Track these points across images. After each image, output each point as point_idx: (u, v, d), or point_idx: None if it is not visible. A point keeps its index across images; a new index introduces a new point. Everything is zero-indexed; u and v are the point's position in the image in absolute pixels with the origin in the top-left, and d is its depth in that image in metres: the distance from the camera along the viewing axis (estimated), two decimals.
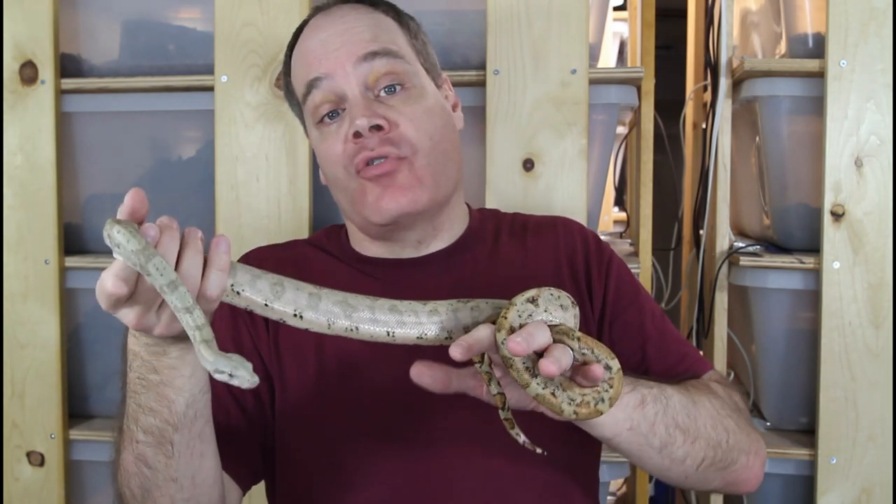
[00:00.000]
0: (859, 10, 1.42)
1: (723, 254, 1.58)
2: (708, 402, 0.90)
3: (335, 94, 0.97)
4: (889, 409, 1.44)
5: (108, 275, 0.68)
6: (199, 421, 0.82)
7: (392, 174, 0.95)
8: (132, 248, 0.67)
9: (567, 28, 1.42)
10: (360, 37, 0.97)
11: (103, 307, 0.71)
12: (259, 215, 1.49)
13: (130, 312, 0.71)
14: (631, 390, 0.82)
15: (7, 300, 1.57)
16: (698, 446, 0.86)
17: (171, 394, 0.79)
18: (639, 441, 0.83)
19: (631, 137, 1.87)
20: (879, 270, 1.43)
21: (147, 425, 0.80)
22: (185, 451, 0.82)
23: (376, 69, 0.96)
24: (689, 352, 1.03)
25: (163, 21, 1.61)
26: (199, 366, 0.78)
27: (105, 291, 0.69)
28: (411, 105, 0.97)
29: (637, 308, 1.03)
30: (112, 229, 0.68)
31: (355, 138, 0.95)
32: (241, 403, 0.98)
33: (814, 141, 1.48)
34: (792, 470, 1.52)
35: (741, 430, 0.92)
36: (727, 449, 0.89)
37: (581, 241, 1.06)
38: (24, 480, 1.58)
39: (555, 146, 1.43)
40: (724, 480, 0.92)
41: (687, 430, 0.85)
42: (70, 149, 1.60)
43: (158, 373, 0.78)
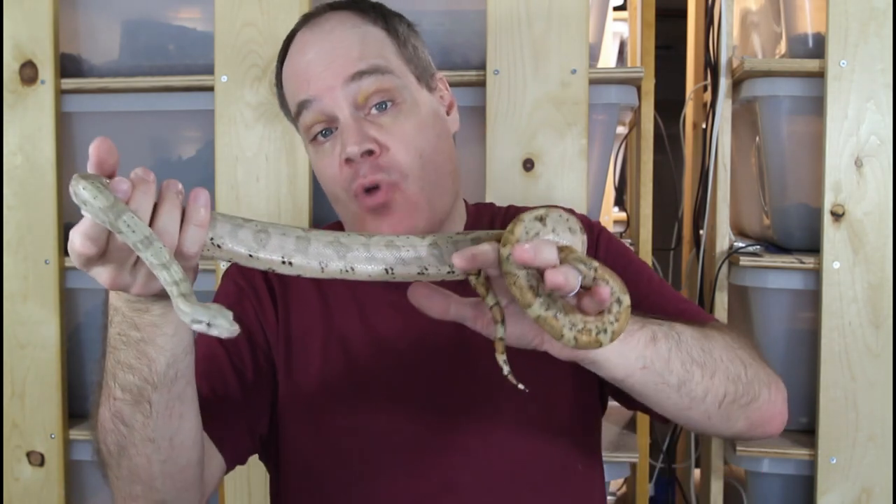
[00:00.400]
0: (859, 10, 1.42)
1: (723, 254, 1.58)
2: (719, 336, 0.86)
3: (325, 115, 0.96)
4: (889, 409, 1.44)
5: (76, 233, 0.65)
6: (180, 382, 0.79)
7: (387, 205, 0.95)
8: (99, 205, 0.63)
9: (567, 28, 1.42)
10: (348, 55, 0.96)
11: (76, 265, 0.68)
12: (259, 215, 1.49)
13: (103, 272, 0.68)
14: (640, 328, 0.78)
15: (7, 300, 1.57)
16: (717, 380, 0.82)
17: (152, 352, 0.76)
18: (654, 380, 0.79)
19: (631, 137, 1.87)
20: (879, 270, 1.43)
21: (125, 382, 0.77)
22: (163, 411, 0.79)
23: (365, 88, 0.95)
24: (690, 307, 1.01)
25: (163, 21, 1.61)
26: (183, 325, 0.74)
27: (74, 251, 0.66)
28: (402, 122, 0.96)
29: (631, 274, 0.99)
30: (77, 185, 0.64)
31: (348, 163, 0.94)
32: (241, 375, 0.97)
33: (814, 141, 1.48)
34: (792, 470, 1.52)
35: (756, 362, 0.88)
36: (747, 382, 0.85)
37: None
38: (24, 480, 1.58)
39: (555, 146, 1.43)
40: (749, 420, 0.88)
41: (703, 363, 0.81)
42: (70, 149, 1.60)
43: (139, 330, 0.75)
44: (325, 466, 0.99)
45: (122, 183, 0.65)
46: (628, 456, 1.48)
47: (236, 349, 0.98)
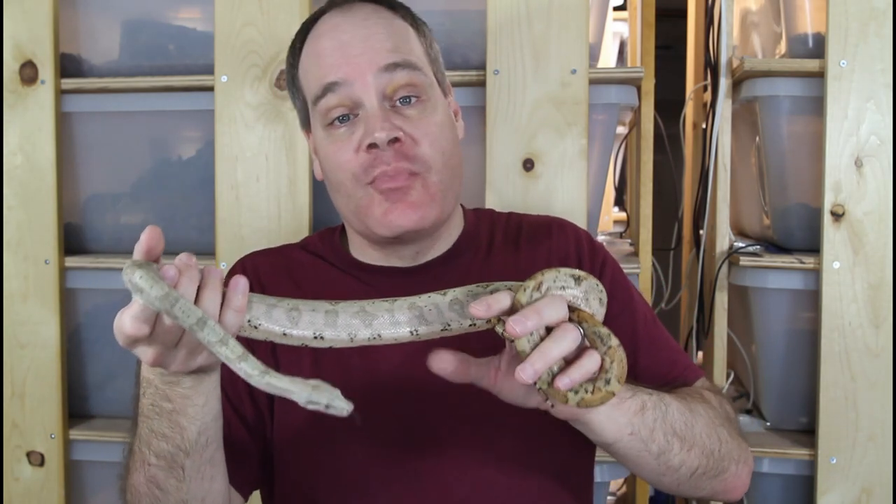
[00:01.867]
0: (859, 10, 1.42)
1: (723, 254, 1.58)
2: (703, 411, 0.90)
3: (352, 100, 0.95)
4: (889, 409, 1.44)
5: (128, 317, 0.68)
6: (211, 447, 0.83)
7: (405, 190, 0.94)
8: (156, 294, 0.67)
9: (567, 28, 1.42)
10: (383, 45, 0.96)
11: (120, 343, 0.71)
12: (259, 215, 1.49)
13: (149, 351, 0.71)
14: (632, 395, 0.82)
15: (7, 300, 1.57)
16: (693, 454, 0.87)
17: (184, 421, 0.80)
18: (638, 447, 0.83)
19: (631, 137, 1.87)
20: (879, 270, 1.43)
21: (159, 450, 0.82)
22: (195, 475, 0.83)
23: (396, 80, 0.95)
24: (680, 359, 1.04)
25: (163, 21, 1.61)
26: (213, 395, 0.80)
27: (123, 332, 0.69)
28: (426, 119, 0.96)
29: (629, 312, 1.02)
30: (134, 275, 0.68)
31: (370, 149, 0.94)
32: (240, 414, 0.98)
33: (814, 141, 1.48)
34: (792, 470, 1.52)
35: (733, 439, 0.92)
36: (719, 458, 0.90)
37: (574, 243, 1.06)
38: (24, 480, 1.58)
39: (555, 146, 1.43)
40: (714, 489, 0.93)
41: (684, 437, 0.86)
42: (70, 149, 1.60)
43: (171, 401, 0.79)
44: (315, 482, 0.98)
45: (171, 269, 0.69)
46: None
47: (233, 389, 0.98)
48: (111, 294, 1.60)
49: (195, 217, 1.60)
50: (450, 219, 1.02)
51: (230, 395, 0.98)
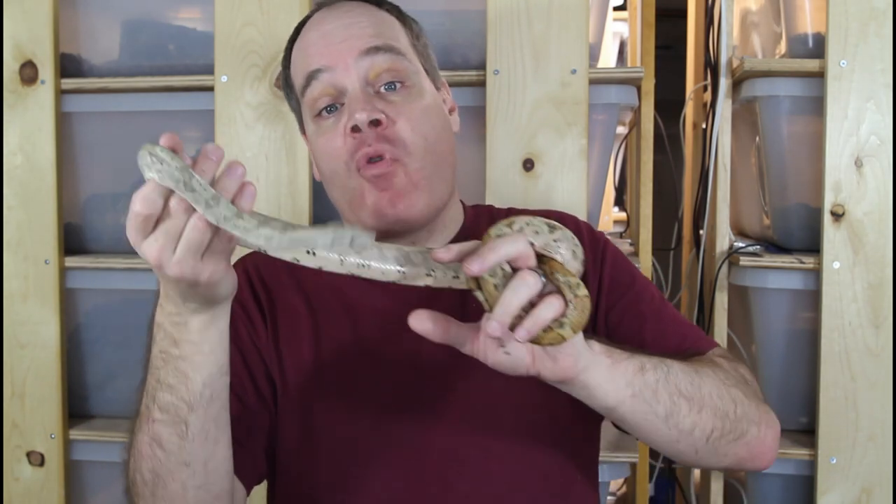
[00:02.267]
0: (859, 10, 1.42)
1: (723, 254, 1.58)
2: (711, 372, 0.87)
3: (335, 87, 0.96)
4: (889, 409, 1.44)
5: (138, 196, 0.68)
6: (216, 404, 0.82)
7: (388, 176, 0.94)
8: (176, 164, 0.67)
9: (567, 28, 1.42)
10: (364, 31, 0.97)
11: (131, 239, 0.70)
12: None
13: (153, 244, 0.70)
14: (628, 357, 0.80)
15: (7, 300, 1.57)
16: (705, 415, 0.84)
17: (189, 370, 0.79)
18: (643, 409, 0.80)
19: (631, 137, 1.87)
20: (879, 270, 1.43)
21: (164, 402, 0.80)
22: (199, 433, 0.82)
23: (378, 64, 0.96)
24: (690, 332, 1.01)
25: (163, 21, 1.61)
26: (219, 346, 0.79)
27: (134, 212, 0.69)
28: (410, 103, 0.97)
29: (634, 293, 1.01)
30: (154, 148, 0.68)
31: (353, 133, 0.94)
32: (243, 401, 0.98)
33: (814, 141, 1.48)
34: (792, 470, 1.52)
35: (749, 400, 0.89)
36: (736, 419, 0.86)
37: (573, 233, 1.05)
38: (24, 480, 1.58)
39: (555, 146, 1.43)
40: (738, 455, 0.89)
41: (692, 397, 0.83)
42: (70, 149, 1.60)
43: (178, 346, 0.78)
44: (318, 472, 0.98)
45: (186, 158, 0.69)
46: (628, 456, 1.48)
47: (237, 378, 0.97)
48: (111, 294, 1.60)
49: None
50: (445, 212, 1.02)
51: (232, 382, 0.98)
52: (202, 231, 0.69)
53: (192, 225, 0.69)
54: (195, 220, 0.69)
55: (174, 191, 0.68)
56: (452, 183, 1.03)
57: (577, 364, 0.75)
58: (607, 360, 0.78)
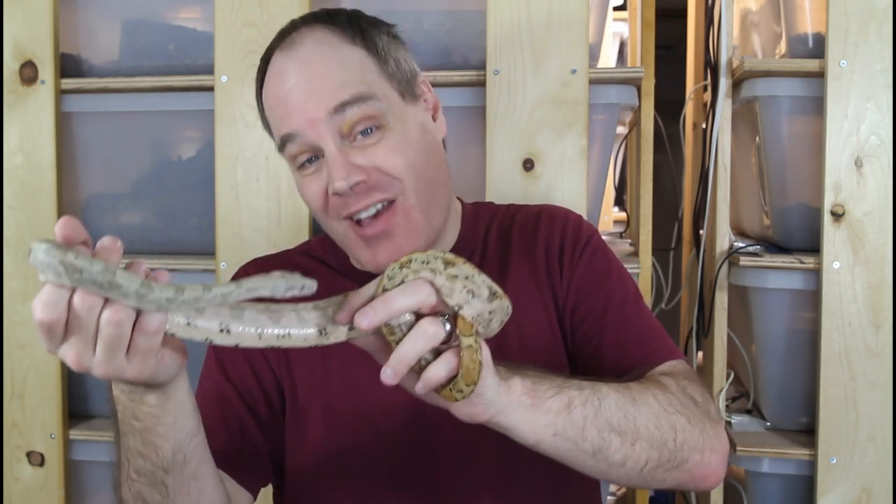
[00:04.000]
0: (859, 10, 1.42)
1: (723, 254, 1.58)
2: (653, 400, 0.84)
3: (310, 146, 0.94)
4: (889, 409, 1.44)
5: (37, 303, 0.63)
6: (191, 463, 0.80)
7: (389, 232, 0.93)
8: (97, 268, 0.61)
9: (567, 28, 1.42)
10: (329, 85, 0.92)
11: (45, 347, 0.66)
12: (259, 215, 1.49)
13: (69, 350, 0.65)
14: (555, 394, 0.78)
15: (7, 300, 1.57)
16: (639, 448, 0.82)
17: (156, 440, 0.77)
18: (567, 447, 0.79)
19: (631, 137, 1.87)
20: (879, 270, 1.43)
21: (138, 467, 0.80)
22: (179, 490, 0.81)
23: (349, 118, 0.92)
24: (651, 341, 0.98)
25: (163, 21, 1.61)
26: (184, 414, 0.76)
27: (38, 321, 0.63)
28: (389, 140, 0.93)
29: (603, 293, 0.99)
30: (66, 255, 0.60)
31: (336, 196, 0.93)
32: (255, 413, 0.98)
33: (814, 141, 1.48)
34: (792, 470, 1.52)
35: (693, 425, 0.86)
36: (675, 448, 0.84)
37: (560, 227, 1.03)
38: (24, 480, 1.58)
39: (555, 146, 1.43)
40: (677, 480, 0.87)
41: (624, 432, 0.81)
42: (70, 149, 1.60)
43: (140, 420, 0.76)
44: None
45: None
46: None
47: (245, 386, 0.98)
48: None
49: (195, 217, 1.60)
50: (443, 225, 1.01)
51: (242, 392, 0.98)
52: (118, 324, 0.64)
53: (106, 320, 0.64)
54: (109, 313, 0.63)
55: (75, 287, 0.62)
56: (448, 202, 1.01)
57: (487, 410, 0.74)
58: (528, 402, 0.77)
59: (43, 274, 0.61)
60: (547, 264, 1.01)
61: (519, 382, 0.77)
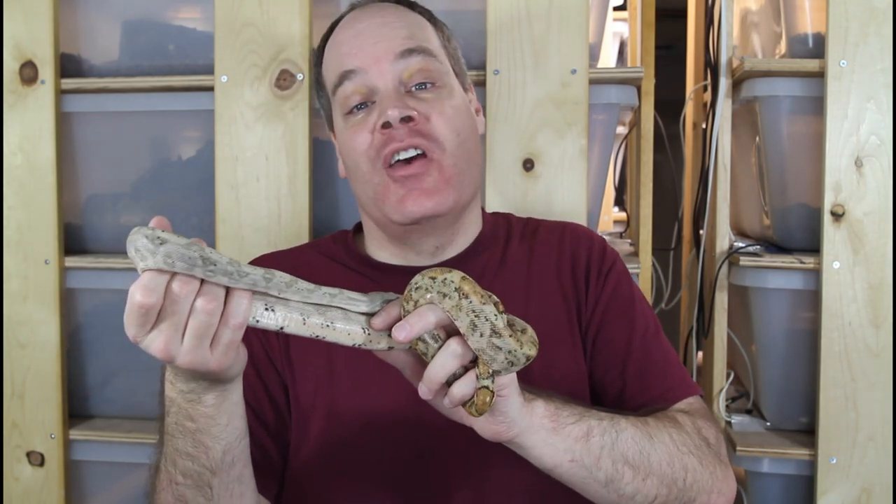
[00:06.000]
0: (859, 10, 1.42)
1: (723, 254, 1.58)
2: (668, 438, 0.87)
3: (367, 87, 0.98)
4: (889, 409, 1.44)
5: (136, 287, 0.65)
6: (238, 465, 0.82)
7: (420, 177, 0.95)
8: (182, 242, 0.63)
9: (567, 28, 1.42)
10: (398, 33, 0.98)
11: (131, 335, 0.67)
12: (259, 215, 1.49)
13: (158, 337, 0.67)
14: (576, 421, 0.80)
15: (7, 300, 1.57)
16: (650, 483, 0.83)
17: (208, 441, 0.78)
18: (581, 474, 0.81)
19: (631, 137, 1.87)
20: (879, 270, 1.43)
21: (185, 469, 0.80)
22: (224, 493, 0.82)
23: (411, 66, 0.97)
24: (671, 377, 1.00)
25: (163, 21, 1.61)
26: (236, 414, 0.78)
27: (135, 304, 0.65)
28: (442, 101, 0.98)
29: (628, 321, 1.01)
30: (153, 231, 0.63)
31: (384, 129, 0.95)
32: (263, 421, 0.98)
33: (814, 141, 1.48)
34: (792, 470, 1.52)
35: (704, 467, 0.88)
36: (684, 488, 0.86)
37: (586, 246, 1.06)
38: (24, 480, 1.58)
39: (555, 146, 1.43)
40: None
41: (637, 466, 0.83)
42: (70, 149, 1.60)
43: (195, 420, 0.77)
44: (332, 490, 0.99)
45: None
46: None
47: (253, 394, 0.98)
48: (111, 294, 1.60)
49: (195, 217, 1.60)
50: (468, 212, 1.02)
51: (251, 402, 0.98)
52: (210, 312, 0.66)
53: (199, 308, 0.66)
54: (202, 302, 0.66)
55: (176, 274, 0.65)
56: (477, 184, 1.04)
57: (510, 429, 0.76)
58: (550, 425, 0.78)
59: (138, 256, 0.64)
60: (574, 279, 1.03)
61: (542, 405, 0.79)
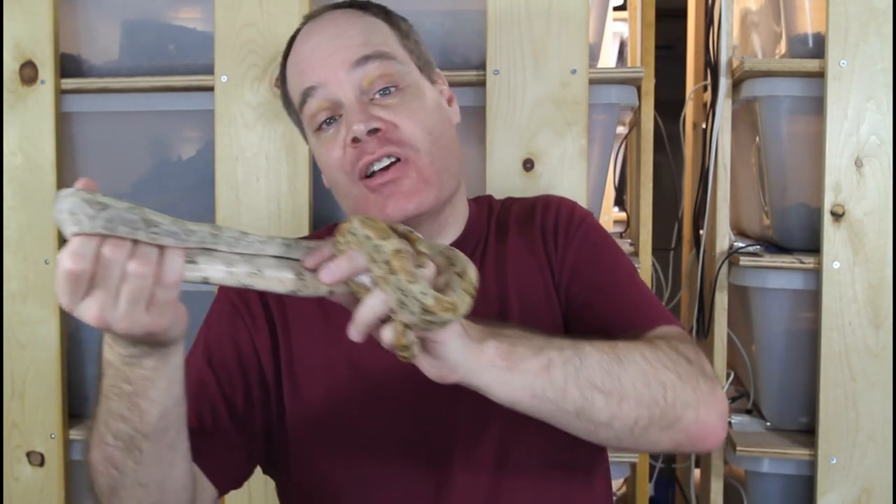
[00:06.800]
0: (859, 10, 1.42)
1: (723, 254, 1.58)
2: (640, 358, 0.82)
3: (330, 101, 0.97)
4: (889, 409, 1.44)
5: (64, 254, 0.64)
6: (171, 431, 0.80)
7: (398, 181, 0.94)
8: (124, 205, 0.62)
9: (567, 28, 1.42)
10: (352, 41, 0.97)
11: (64, 304, 0.66)
12: (259, 215, 1.49)
13: (92, 303, 0.66)
14: (534, 354, 0.78)
15: (7, 300, 1.57)
16: (627, 406, 0.80)
17: (144, 404, 0.76)
18: (548, 407, 0.79)
19: (631, 137, 1.87)
20: (879, 270, 1.43)
21: (117, 431, 0.79)
22: (154, 458, 0.80)
23: (370, 73, 0.96)
24: (642, 307, 0.97)
25: (163, 21, 1.61)
26: (175, 378, 0.77)
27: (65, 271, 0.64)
28: (407, 104, 0.97)
29: (597, 267, 0.99)
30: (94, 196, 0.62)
31: (354, 143, 0.94)
32: (230, 404, 0.97)
33: (814, 141, 1.48)
34: (792, 470, 1.52)
35: (685, 382, 0.83)
36: (665, 406, 0.82)
37: (554, 212, 1.04)
38: (24, 480, 1.58)
39: (555, 146, 1.43)
40: (673, 440, 0.84)
41: (609, 391, 0.79)
42: (70, 149, 1.60)
43: (132, 383, 0.75)
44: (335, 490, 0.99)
45: None
46: (628, 456, 1.48)
47: (227, 375, 0.97)
48: None
49: (195, 217, 1.59)
50: (454, 204, 1.02)
51: (222, 381, 0.97)
52: (142, 276, 0.65)
53: (132, 271, 0.65)
54: (134, 264, 0.65)
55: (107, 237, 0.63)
56: (459, 175, 1.03)
57: (454, 372, 0.75)
58: (503, 364, 0.76)
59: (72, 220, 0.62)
60: (544, 245, 1.02)
61: (493, 345, 0.76)
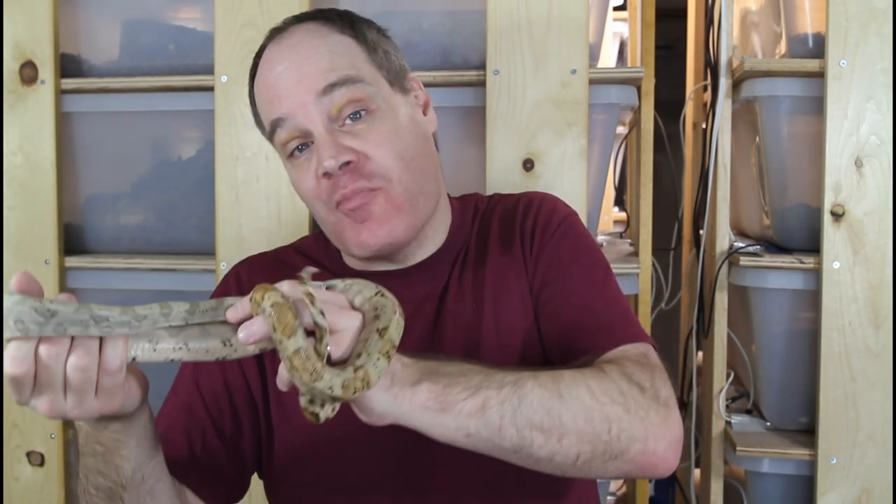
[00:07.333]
0: (859, 10, 1.42)
1: (723, 254, 1.58)
2: (585, 391, 0.81)
3: (300, 131, 0.94)
4: (889, 409, 1.44)
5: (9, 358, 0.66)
6: (149, 481, 0.83)
7: (366, 206, 0.93)
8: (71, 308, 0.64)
9: (567, 28, 1.42)
10: (316, 68, 0.94)
11: (16, 401, 0.69)
12: (259, 215, 1.49)
13: (42, 400, 0.69)
14: (469, 396, 0.77)
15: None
16: (567, 443, 0.80)
17: (117, 461, 0.80)
18: (484, 445, 0.79)
19: (631, 137, 1.87)
20: (879, 270, 1.43)
21: (97, 483, 0.82)
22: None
23: (337, 100, 0.93)
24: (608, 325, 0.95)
25: (163, 21, 1.61)
26: (144, 436, 0.79)
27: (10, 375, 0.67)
28: (377, 129, 0.94)
29: (568, 276, 0.98)
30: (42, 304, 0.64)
31: (325, 177, 0.93)
32: (218, 427, 0.98)
33: (814, 141, 1.48)
34: (792, 470, 1.52)
35: (633, 414, 0.82)
36: (610, 440, 0.81)
37: (534, 212, 1.03)
38: (24, 480, 1.58)
39: (555, 146, 1.43)
40: (620, 470, 0.84)
41: (548, 429, 0.79)
42: (70, 149, 1.60)
43: (103, 444, 0.79)
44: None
45: None
46: None
47: (214, 398, 0.98)
48: (111, 294, 1.60)
49: (195, 217, 1.60)
50: (431, 223, 1.01)
51: (209, 404, 0.98)
52: (84, 369, 0.68)
53: (72, 367, 0.68)
54: (74, 359, 0.67)
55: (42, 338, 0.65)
56: (438, 192, 1.01)
57: (384, 418, 0.75)
58: (435, 406, 0.76)
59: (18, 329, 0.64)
60: (522, 249, 1.01)
61: (427, 388, 0.76)
